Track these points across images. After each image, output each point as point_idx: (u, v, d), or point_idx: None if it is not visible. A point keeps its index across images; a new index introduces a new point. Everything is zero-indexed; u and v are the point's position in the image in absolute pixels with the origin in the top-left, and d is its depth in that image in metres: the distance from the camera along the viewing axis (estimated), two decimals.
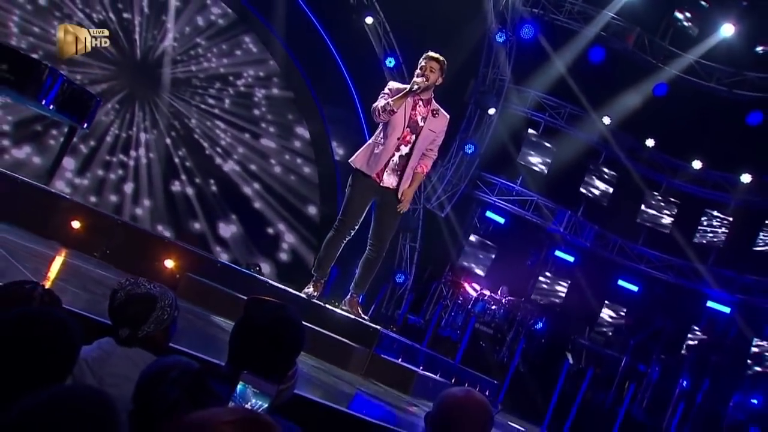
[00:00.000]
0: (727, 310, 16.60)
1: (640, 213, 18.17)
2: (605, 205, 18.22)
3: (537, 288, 18.05)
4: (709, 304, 16.85)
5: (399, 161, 6.74)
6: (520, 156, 18.09)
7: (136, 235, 8.74)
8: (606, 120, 17.27)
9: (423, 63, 6.73)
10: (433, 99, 6.83)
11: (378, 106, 6.66)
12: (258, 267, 12.45)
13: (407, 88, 6.68)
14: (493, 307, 15.75)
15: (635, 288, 17.69)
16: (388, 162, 6.71)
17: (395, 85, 6.86)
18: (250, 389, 2.03)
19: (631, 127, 17.34)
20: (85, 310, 3.80)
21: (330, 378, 5.57)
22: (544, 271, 18.19)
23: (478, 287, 16.55)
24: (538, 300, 17.64)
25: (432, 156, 6.93)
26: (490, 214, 17.93)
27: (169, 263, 7.80)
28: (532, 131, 18.17)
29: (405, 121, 6.65)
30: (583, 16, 16.84)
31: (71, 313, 3.11)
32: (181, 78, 15.78)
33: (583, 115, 17.42)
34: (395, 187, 6.77)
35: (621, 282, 17.77)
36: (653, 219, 18.21)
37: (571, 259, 17.80)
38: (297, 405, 3.05)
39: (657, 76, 16.97)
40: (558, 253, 17.86)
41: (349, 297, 7.04)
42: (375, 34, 16.14)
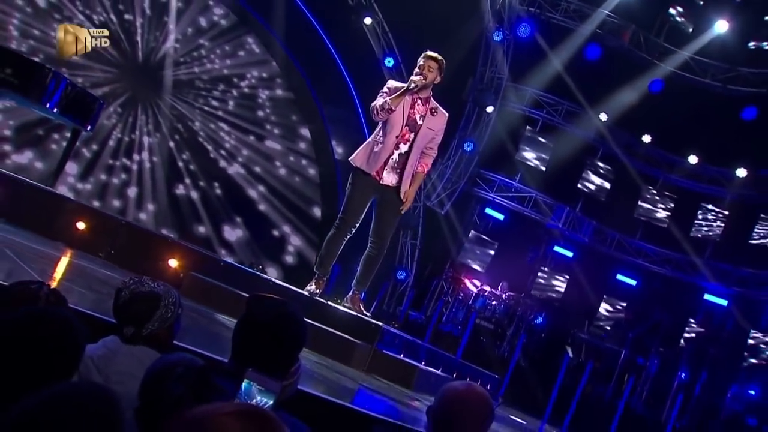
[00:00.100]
0: (724, 302, 16.67)
1: (637, 208, 18.25)
2: (603, 201, 18.31)
3: (536, 283, 18.11)
4: (707, 297, 16.92)
5: (398, 159, 6.73)
6: (518, 153, 18.14)
7: (140, 236, 8.82)
8: (603, 116, 17.33)
9: (421, 62, 6.71)
10: (432, 97, 6.81)
11: (376, 104, 6.66)
12: (261, 267, 12.49)
13: (405, 86, 6.67)
14: (494, 303, 15.80)
15: (633, 282, 17.75)
16: (387, 160, 6.70)
17: (394, 84, 6.85)
18: (255, 387, 2.03)
19: (628, 124, 17.39)
20: (91, 309, 3.82)
21: (333, 374, 5.58)
22: (543, 267, 18.25)
23: (478, 283, 16.56)
24: (537, 295, 17.68)
25: (432, 154, 6.94)
26: (489, 210, 18.00)
27: (173, 263, 7.87)
28: (529, 128, 18.24)
29: (404, 120, 6.64)
30: (579, 14, 16.91)
31: (77, 312, 3.18)
32: (184, 80, 15.61)
33: (580, 112, 17.48)
34: (395, 185, 6.76)
35: (619, 276, 17.83)
36: (650, 214, 18.29)
37: (570, 255, 17.84)
38: (301, 400, 3.07)
39: (652, 72, 17.06)
40: (557, 249, 17.90)
41: (351, 294, 7.03)
42: (374, 34, 16.16)
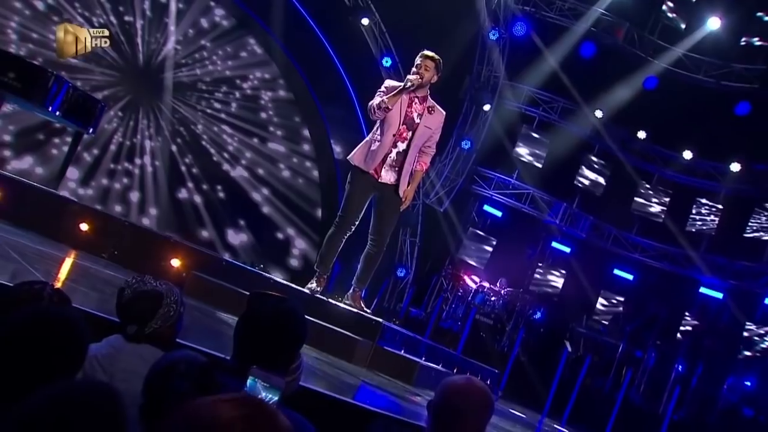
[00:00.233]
0: (720, 295, 16.74)
1: (633, 203, 18.32)
2: (599, 197, 18.35)
3: (535, 279, 18.15)
4: (702, 290, 16.98)
5: (396, 157, 6.79)
6: (515, 150, 18.21)
7: (142, 236, 8.94)
8: (598, 113, 17.39)
9: (419, 61, 6.76)
10: (429, 96, 6.87)
11: (374, 103, 6.72)
12: (262, 266, 12.54)
13: (402, 85, 6.73)
14: (493, 299, 15.84)
15: (630, 276, 17.82)
16: (385, 158, 6.76)
17: (391, 83, 6.91)
18: (260, 383, 2.03)
19: (623, 120, 17.45)
20: (95, 308, 3.88)
21: (335, 370, 5.65)
22: (541, 262, 18.30)
23: (477, 279, 16.64)
24: (536, 290, 17.72)
25: (430, 152, 7.00)
26: (487, 207, 18.08)
27: (176, 262, 7.98)
28: (526, 126, 18.31)
29: (401, 118, 6.70)
30: (574, 12, 17.00)
31: (81, 312, 3.27)
32: (186, 82, 15.51)
33: (576, 109, 17.53)
34: (393, 183, 6.82)
35: (616, 271, 17.89)
36: (646, 209, 18.36)
37: (568, 250, 17.91)
38: (303, 396, 3.11)
39: (647, 69, 17.15)
40: (554, 245, 17.99)
41: (352, 291, 7.09)
42: (371, 34, 16.20)
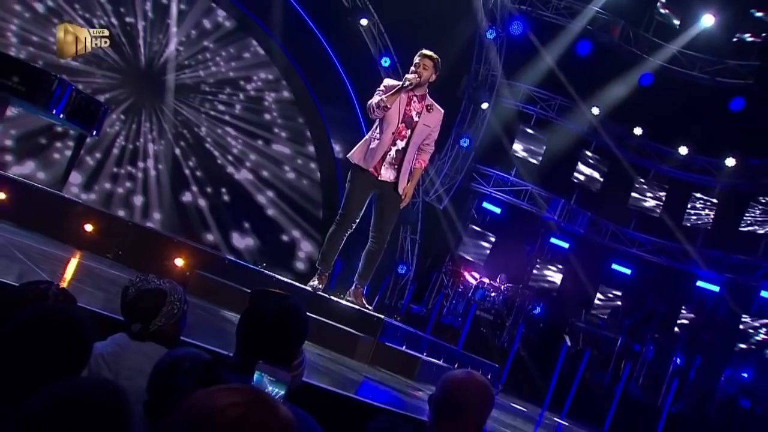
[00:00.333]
0: (716, 289, 16.87)
1: (630, 199, 18.47)
2: (597, 193, 18.52)
3: (534, 274, 18.25)
4: (699, 284, 17.12)
5: (395, 155, 6.83)
6: (513, 148, 18.34)
7: (146, 236, 9.06)
8: (595, 110, 17.52)
9: (417, 61, 6.81)
10: (428, 95, 6.91)
11: (373, 102, 6.77)
12: (264, 265, 12.65)
13: (400, 84, 6.78)
14: (493, 294, 15.94)
15: (628, 271, 17.94)
16: (384, 156, 6.80)
17: (390, 82, 6.95)
18: (266, 378, 2.05)
19: (619, 117, 17.57)
20: (100, 307, 3.92)
21: (337, 366, 5.69)
22: (540, 258, 18.39)
23: (477, 275, 16.74)
24: (535, 286, 17.83)
25: (429, 150, 7.05)
26: (486, 204, 18.21)
27: (180, 261, 8.12)
28: (524, 123, 18.45)
29: (399, 117, 6.75)
30: (570, 11, 17.12)
31: (86, 311, 3.32)
32: (189, 84, 15.43)
33: (573, 107, 17.66)
34: (393, 181, 6.87)
35: (614, 266, 18.03)
36: (643, 204, 18.52)
37: (566, 246, 18.04)
38: (306, 392, 3.13)
39: (642, 66, 17.27)
40: (553, 240, 18.08)
41: (354, 288, 7.12)
42: (370, 35, 16.31)
